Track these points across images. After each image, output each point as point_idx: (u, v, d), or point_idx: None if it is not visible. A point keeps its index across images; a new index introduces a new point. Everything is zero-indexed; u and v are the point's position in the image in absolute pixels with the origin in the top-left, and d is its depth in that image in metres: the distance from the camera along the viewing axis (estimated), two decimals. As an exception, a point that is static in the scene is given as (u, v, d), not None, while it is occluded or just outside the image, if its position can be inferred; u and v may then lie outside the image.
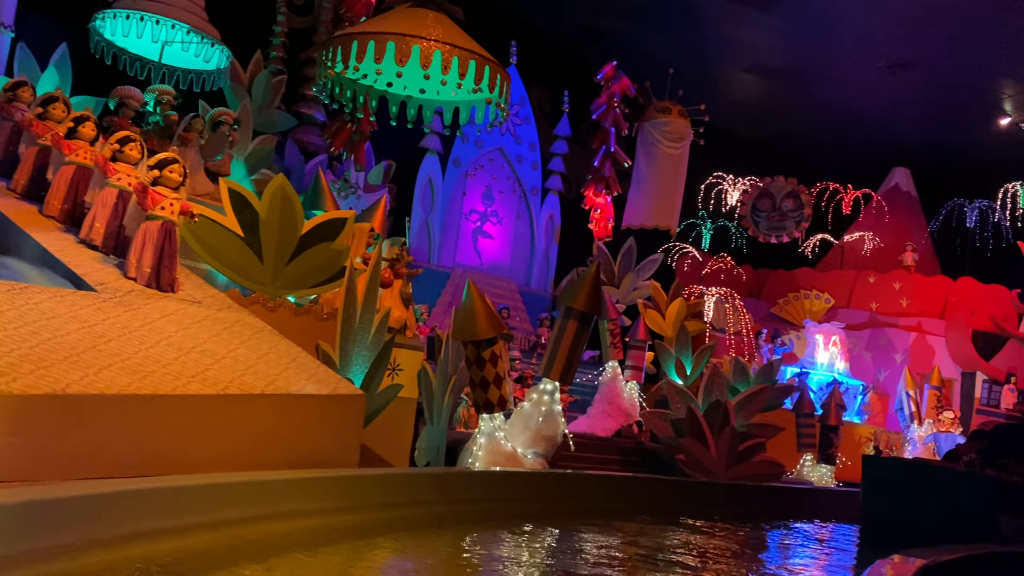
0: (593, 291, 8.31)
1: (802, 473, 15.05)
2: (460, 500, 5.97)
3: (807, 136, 23.89)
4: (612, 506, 7.23)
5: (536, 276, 17.28)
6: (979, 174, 22.94)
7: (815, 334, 19.51)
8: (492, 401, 8.07)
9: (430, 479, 5.99)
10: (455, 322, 8.18)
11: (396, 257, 8.22)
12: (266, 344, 5.94)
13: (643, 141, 17.48)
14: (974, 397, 21.17)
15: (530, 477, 6.94)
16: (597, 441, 12.76)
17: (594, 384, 13.82)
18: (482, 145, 16.65)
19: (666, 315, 15.72)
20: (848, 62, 20.12)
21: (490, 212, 16.80)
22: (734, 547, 7.09)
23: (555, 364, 8.33)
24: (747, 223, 22.13)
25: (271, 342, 6.00)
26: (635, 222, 17.11)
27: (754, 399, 13.32)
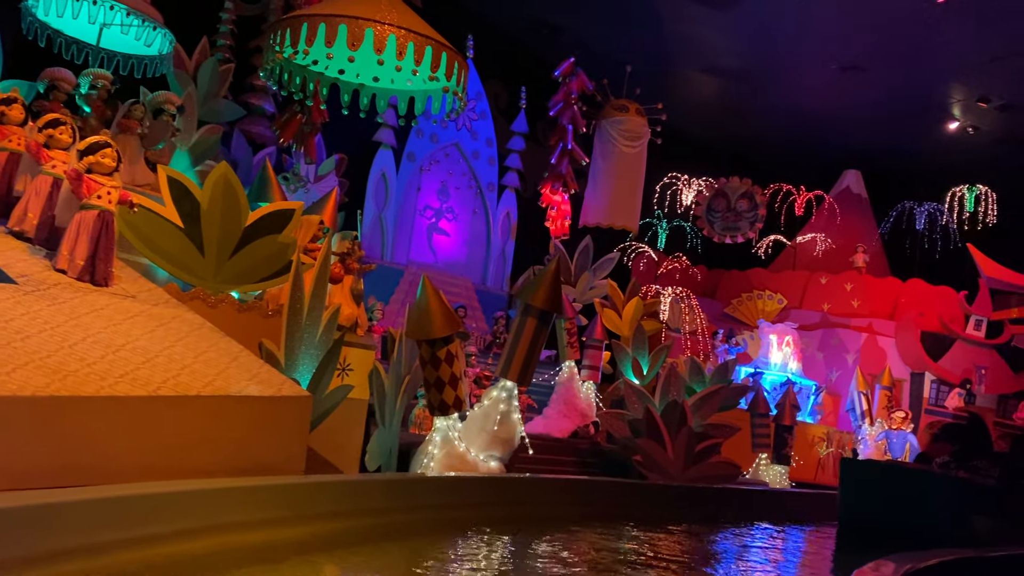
0: (553, 288, 8.03)
1: (757, 473, 15.03)
2: (413, 508, 5.63)
3: (761, 137, 24.01)
4: (571, 511, 6.95)
5: (492, 274, 16.98)
6: (928, 177, 23.30)
7: (769, 334, 19.56)
8: (447, 402, 7.74)
9: (381, 486, 5.64)
10: (409, 320, 7.83)
11: (347, 252, 7.83)
12: (205, 342, 5.52)
13: (600, 139, 17.29)
14: (923, 397, 21.47)
15: (487, 482, 6.63)
16: (553, 442, 12.54)
17: (550, 384, 13.58)
18: (437, 140, 16.30)
19: (623, 314, 15.56)
20: (802, 64, 20.22)
21: (445, 208, 16.45)
22: (702, 551, 6.89)
23: (513, 364, 8.03)
24: (702, 223, 22.14)
25: (211, 340, 5.59)
26: (592, 220, 16.91)
27: (710, 399, 13.22)
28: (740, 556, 7.25)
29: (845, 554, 7.61)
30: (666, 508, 7.79)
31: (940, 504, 7.40)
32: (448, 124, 16.40)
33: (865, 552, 5.52)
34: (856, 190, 25.23)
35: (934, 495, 7.44)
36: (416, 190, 16.16)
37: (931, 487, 7.55)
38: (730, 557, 6.85)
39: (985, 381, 21.54)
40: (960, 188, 22.71)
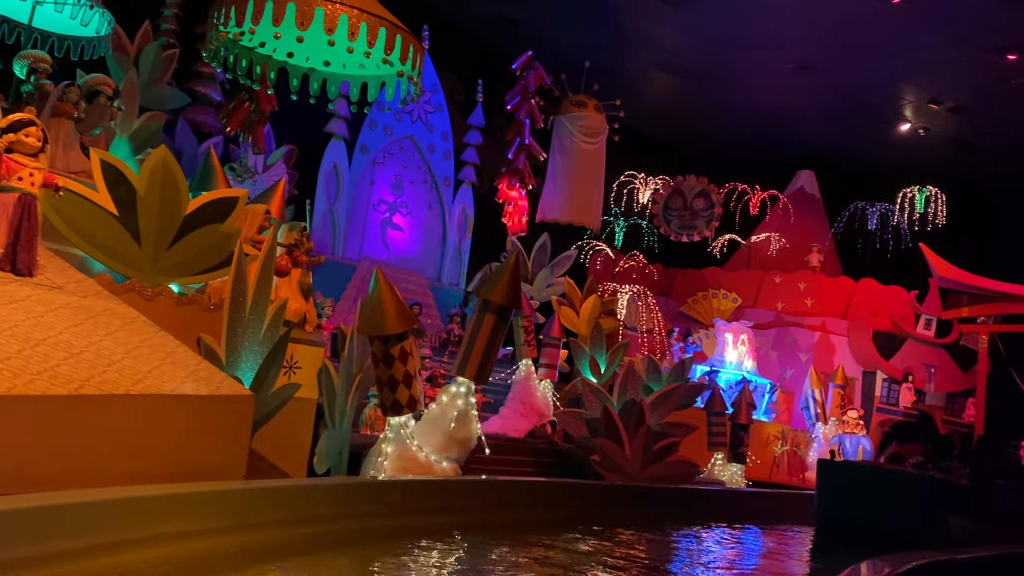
0: (512, 284, 7.73)
1: (713, 472, 14.94)
2: (364, 514, 5.27)
3: (717, 137, 24.04)
4: (532, 515, 6.66)
5: (448, 271, 16.60)
6: (880, 178, 23.57)
7: (725, 333, 19.54)
8: (401, 402, 7.39)
9: (329, 491, 5.28)
10: (361, 315, 7.46)
11: (295, 243, 7.42)
12: (138, 336, 5.09)
13: (559, 135, 17.05)
14: (874, 396, 21.71)
15: (442, 486, 6.30)
16: (509, 442, 12.28)
17: (507, 383, 13.29)
18: (391, 132, 15.86)
19: (580, 312, 15.34)
20: (758, 63, 20.23)
21: (399, 203, 16.02)
22: (677, 555, 6.65)
23: (470, 362, 7.70)
24: (659, 221, 22.06)
25: (144, 334, 5.16)
26: (551, 217, 16.65)
27: (668, 398, 13.07)
28: (724, 560, 7.05)
29: (828, 555, 7.51)
30: (631, 510, 7.53)
31: (917, 504, 7.46)
32: (403, 116, 16.06)
33: (846, 553, 5.45)
34: (810, 190, 25.43)
35: (911, 495, 7.49)
36: (369, 183, 15.70)
37: (908, 488, 7.55)
38: (716, 559, 6.62)
39: (935, 380, 21.88)
40: (911, 189, 23.01)
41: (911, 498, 7.46)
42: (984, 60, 17.93)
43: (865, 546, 7.19)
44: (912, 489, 7.53)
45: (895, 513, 7.31)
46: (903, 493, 7.52)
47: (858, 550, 7.01)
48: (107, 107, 9.50)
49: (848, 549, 7.27)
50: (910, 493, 7.50)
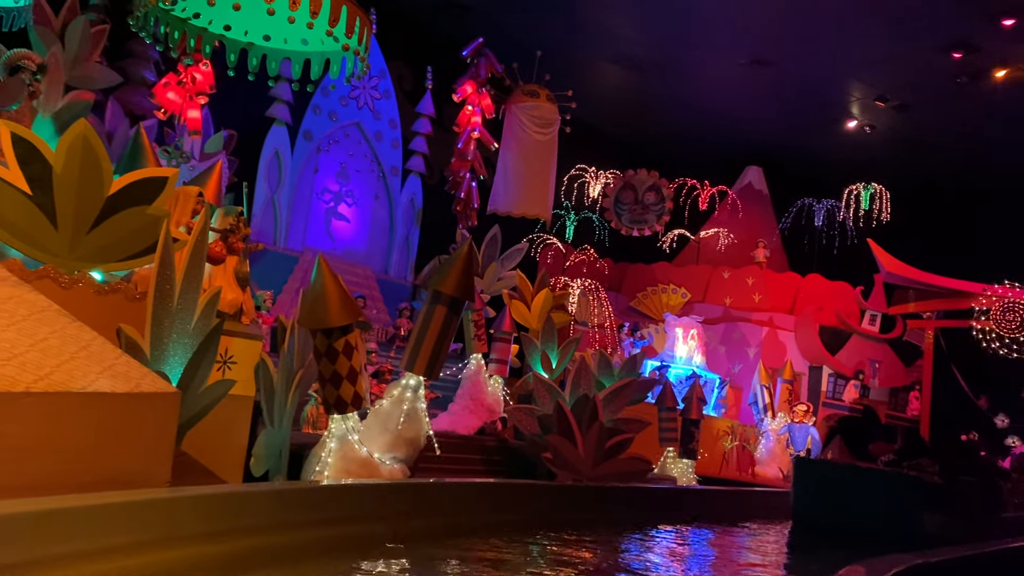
0: (464, 274, 7.31)
1: (664, 468, 14.76)
2: (304, 523, 4.81)
3: (667, 131, 23.94)
4: (490, 518, 6.25)
5: (395, 263, 16.08)
6: (827, 175, 23.76)
7: (675, 327, 19.42)
8: (345, 399, 6.92)
9: (266, 498, 4.79)
10: (302, 306, 6.96)
11: (230, 228, 6.87)
12: (47, 327, 4.53)
13: (510, 125, 16.63)
14: (820, 391, 21.88)
15: (389, 490, 5.85)
16: (458, 440, 11.89)
17: (457, 379, 12.88)
18: (337, 118, 15.27)
19: (532, 306, 14.99)
20: (711, 57, 20.14)
21: (345, 192, 15.44)
22: (647, 559, 6.33)
23: (420, 356, 7.26)
24: (610, 215, 21.85)
25: (55, 325, 4.60)
26: (502, 209, 16.23)
27: (621, 393, 12.81)
28: (708, 560, 6.75)
29: (808, 554, 7.42)
30: (591, 511, 7.19)
31: (892, 501, 7.48)
32: (349, 102, 15.48)
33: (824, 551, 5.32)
34: (757, 186, 25.53)
35: (886, 493, 7.53)
36: (313, 171, 15.10)
37: (883, 485, 7.62)
38: (699, 562, 6.31)
39: (879, 375, 22.14)
40: (856, 186, 23.21)
41: (886, 495, 7.55)
42: (931, 58, 18.09)
43: (843, 544, 7.27)
44: (887, 486, 7.61)
45: (870, 510, 7.41)
46: (878, 490, 7.60)
47: (840, 548, 7.15)
48: (27, 83, 8.80)
49: (830, 546, 7.29)
50: (885, 490, 7.59)
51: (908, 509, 7.42)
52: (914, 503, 7.45)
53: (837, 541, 7.32)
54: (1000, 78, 18.13)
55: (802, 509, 8.05)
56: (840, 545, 7.27)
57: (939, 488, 7.62)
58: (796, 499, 8.13)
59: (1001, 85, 18.34)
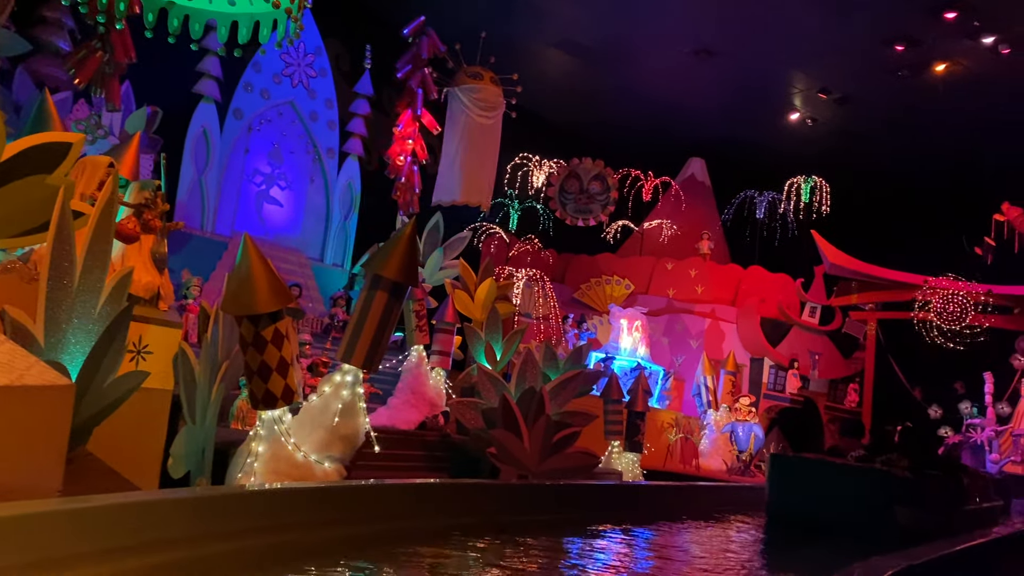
0: (407, 257, 6.73)
1: (609, 462, 14.44)
2: (221, 534, 4.19)
3: (612, 120, 23.66)
4: (436, 522, 5.71)
5: (331, 250, 15.32)
6: (768, 167, 23.79)
7: (620, 319, 19.15)
8: (275, 393, 6.29)
9: (182, 507, 4.16)
10: (227, 291, 6.30)
11: (145, 203, 6.16)
12: (-88, 311, 3.82)
13: (453, 108, 16.04)
14: (762, 382, 21.93)
15: (324, 494, 5.26)
16: (398, 435, 11.29)
17: (397, 371, 12.27)
18: (269, 96, 14.45)
19: (475, 297, 14.46)
20: (656, 45, 19.87)
21: (278, 174, 14.63)
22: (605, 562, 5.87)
23: (358, 346, 6.66)
24: (555, 205, 21.43)
25: (-77, 308, 3.89)
26: (446, 199, 15.61)
27: (568, 385, 12.37)
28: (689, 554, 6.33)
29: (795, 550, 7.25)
30: (543, 511, 6.71)
31: (865, 496, 7.53)
32: (282, 80, 14.66)
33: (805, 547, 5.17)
34: (700, 178, 25.51)
35: (859, 488, 7.58)
36: (244, 152, 14.25)
37: (856, 480, 7.67)
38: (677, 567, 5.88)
39: (818, 366, 22.30)
40: (797, 178, 23.30)
41: (859, 490, 7.60)
42: (874, 51, 18.14)
43: (822, 539, 7.25)
44: (860, 481, 7.65)
45: (844, 505, 7.48)
46: (851, 485, 7.64)
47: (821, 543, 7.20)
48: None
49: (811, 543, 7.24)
50: (858, 485, 7.63)
51: (882, 504, 7.46)
52: (887, 498, 7.49)
53: (815, 536, 7.35)
54: (940, 72, 18.29)
55: (777, 504, 8.06)
56: (818, 541, 7.28)
57: (909, 483, 7.66)
58: (771, 495, 8.13)
59: (941, 79, 18.50)
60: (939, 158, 21.59)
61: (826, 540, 7.30)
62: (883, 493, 7.54)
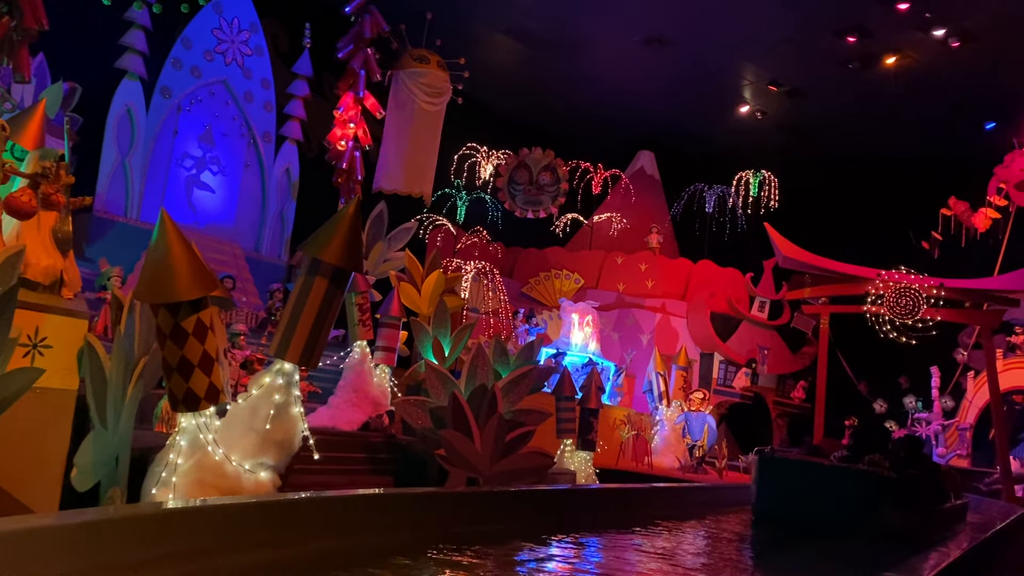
0: (350, 239, 5.99)
1: (562, 461, 13.90)
2: (136, 563, 3.45)
3: (561, 111, 23.14)
4: (385, 539, 5.01)
5: (268, 240, 14.41)
6: (719, 160, 23.59)
7: (571, 313, 18.63)
8: (197, 392, 5.50)
9: (75, 533, 3.40)
10: (142, 276, 5.49)
11: (43, 173, 5.30)
12: None
13: (397, 92, 15.28)
14: (712, 377, 21.67)
15: (256, 510, 4.52)
16: (339, 437, 10.54)
17: (338, 369, 11.49)
18: (200, 75, 13.47)
19: (422, 289, 13.76)
20: (606, 33, 19.37)
21: (209, 158, 13.66)
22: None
23: (294, 339, 5.90)
24: (503, 196, 20.78)
25: None
26: (389, 187, 14.84)
27: (520, 382, 11.74)
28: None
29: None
30: (505, 520, 6.05)
31: (852, 496, 7.47)
32: (214, 57, 13.70)
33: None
34: (649, 171, 25.19)
35: (846, 488, 7.51)
36: (172, 134, 13.25)
37: (843, 481, 7.56)
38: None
39: (767, 361, 22.14)
40: (746, 172, 23.12)
41: (846, 491, 7.53)
42: (825, 42, 17.95)
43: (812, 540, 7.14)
44: (848, 482, 7.56)
45: (832, 505, 7.43)
46: (839, 486, 7.57)
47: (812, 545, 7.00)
48: None
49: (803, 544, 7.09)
50: (845, 486, 7.55)
51: (870, 504, 7.39)
52: (875, 498, 7.44)
53: (806, 537, 7.25)
54: (891, 64, 18.20)
55: (763, 505, 7.94)
56: (806, 541, 7.17)
57: (893, 482, 7.55)
58: (758, 496, 7.99)
59: (891, 72, 18.42)
60: (889, 152, 21.61)
61: (817, 541, 7.15)
62: (871, 493, 7.45)
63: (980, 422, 19.72)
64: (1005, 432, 15.67)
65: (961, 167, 20.15)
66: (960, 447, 19.60)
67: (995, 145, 19.87)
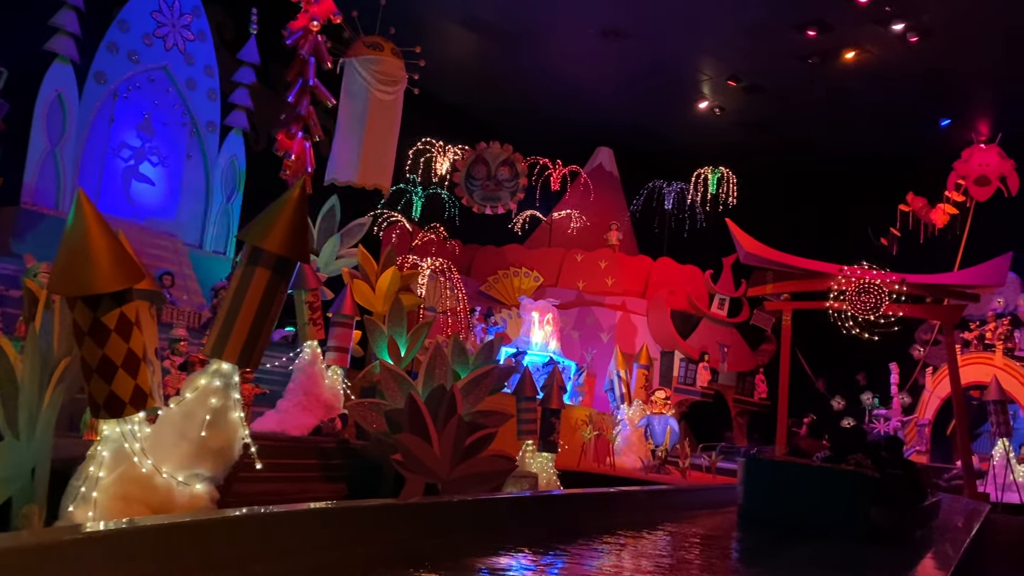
0: (295, 225, 5.41)
1: (523, 463, 13.44)
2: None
3: (518, 106, 22.70)
4: (318, 558, 4.45)
5: (212, 235, 13.68)
6: (677, 157, 23.38)
7: (531, 311, 18.17)
8: (120, 396, 4.88)
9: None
10: (55, 264, 4.86)
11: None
12: None
13: (349, 80, 14.62)
14: (672, 375, 21.41)
15: (186, 529, 3.94)
16: (289, 443, 10.01)
17: (287, 370, 10.88)
18: (138, 60, 12.70)
19: (377, 287, 13.20)
20: (564, 25, 18.96)
21: (149, 148, 12.89)
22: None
23: (232, 336, 5.30)
24: (461, 191, 20.21)
25: None
26: (342, 178, 14.18)
27: (481, 383, 11.26)
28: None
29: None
30: (468, 534, 5.53)
31: (838, 496, 7.47)
32: (154, 41, 12.93)
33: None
34: (608, 167, 24.89)
35: (832, 488, 7.50)
36: (108, 122, 12.44)
37: (829, 481, 7.55)
38: None
39: (727, 359, 21.96)
40: (705, 169, 22.93)
41: (834, 491, 7.52)
42: (785, 36, 17.75)
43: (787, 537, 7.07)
44: (834, 483, 7.55)
45: (818, 506, 7.44)
46: (824, 486, 7.57)
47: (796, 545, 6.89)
48: None
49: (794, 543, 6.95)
50: (833, 486, 7.55)
51: (856, 504, 7.38)
52: (861, 498, 7.41)
53: (790, 537, 7.19)
54: (850, 59, 18.09)
55: (750, 507, 7.91)
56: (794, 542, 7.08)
57: (877, 482, 7.53)
58: (745, 497, 7.96)
59: (850, 67, 18.32)
60: (847, 148, 21.56)
61: (807, 541, 7.07)
62: (857, 493, 7.41)
63: (937, 418, 19.78)
64: (967, 428, 15.61)
65: (919, 163, 20.19)
66: (919, 443, 19.62)
67: (951, 141, 19.94)
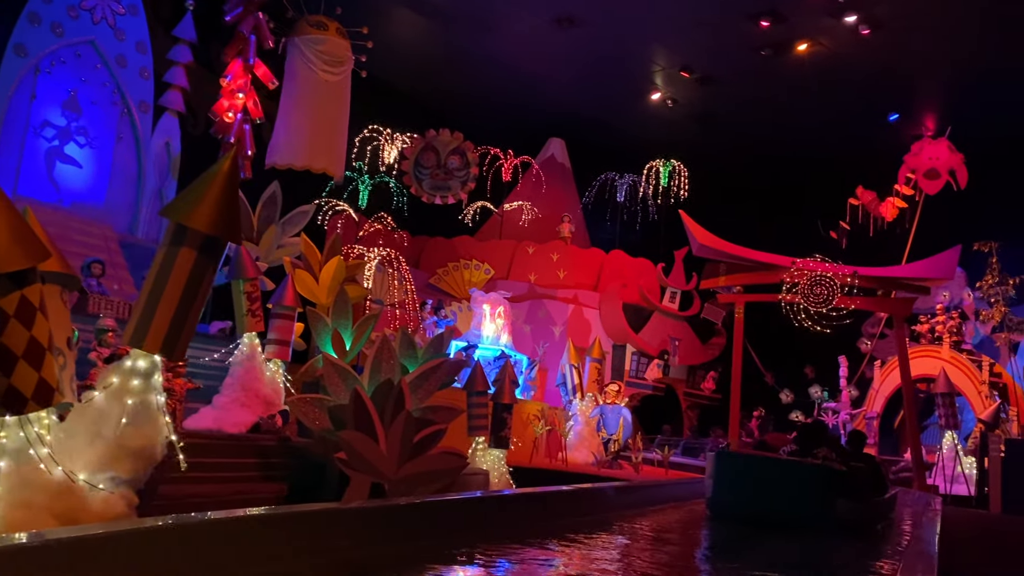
0: (224, 202, 4.88)
1: (474, 459, 13.03)
2: None
3: (468, 93, 22.20)
4: (249, 573, 3.95)
5: (144, 221, 12.91)
6: (629, 148, 23.18)
7: (482, 304, 17.76)
8: (22, 391, 4.30)
9: None
10: (-56, 242, 4.24)
11: None
12: None
13: (293, 60, 13.99)
14: (624, 370, 21.21)
15: (97, 544, 3.40)
16: (225, 441, 9.43)
17: (224, 364, 10.27)
18: (63, 33, 11.86)
19: (320, 277, 12.63)
20: (515, 9, 18.50)
21: (75, 128, 12.06)
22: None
23: (153, 324, 4.75)
24: (409, 180, 19.63)
25: None
26: (283, 161, 13.55)
27: (430, 377, 10.82)
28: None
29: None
30: (421, 537, 5.05)
31: (806, 490, 7.48)
32: (80, 15, 12.12)
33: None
34: (560, 159, 24.58)
35: (799, 482, 7.50)
36: (29, 98, 11.60)
37: (796, 475, 7.54)
38: None
39: (678, 352, 21.84)
40: (656, 162, 22.77)
41: (802, 485, 7.52)
42: (739, 26, 17.61)
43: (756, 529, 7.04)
44: (803, 476, 7.55)
45: (786, 499, 7.45)
46: (792, 480, 7.56)
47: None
48: None
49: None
50: (801, 480, 7.53)
51: (824, 498, 7.41)
52: (827, 491, 7.44)
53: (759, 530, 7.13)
54: (803, 52, 18.04)
55: (719, 500, 7.90)
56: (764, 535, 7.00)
57: (843, 475, 7.54)
58: (714, 490, 7.92)
59: (803, 59, 18.26)
60: (799, 141, 21.55)
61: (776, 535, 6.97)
62: (824, 487, 7.41)
63: (884, 411, 19.94)
64: (916, 420, 15.68)
65: (869, 157, 20.28)
66: (868, 436, 19.74)
67: (901, 136, 20.07)
